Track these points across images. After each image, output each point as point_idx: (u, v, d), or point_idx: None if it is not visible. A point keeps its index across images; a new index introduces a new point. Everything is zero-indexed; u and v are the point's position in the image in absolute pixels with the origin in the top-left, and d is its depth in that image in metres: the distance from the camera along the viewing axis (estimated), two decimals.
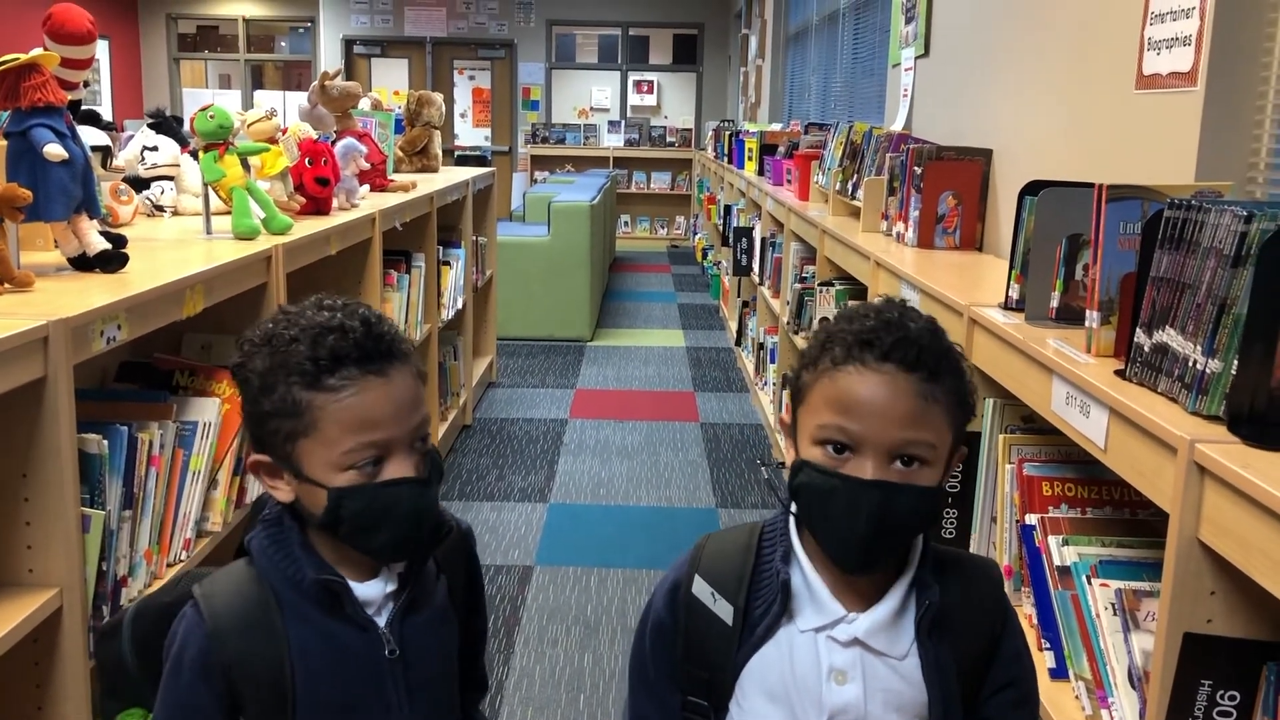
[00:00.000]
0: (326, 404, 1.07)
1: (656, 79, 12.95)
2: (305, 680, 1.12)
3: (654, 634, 1.22)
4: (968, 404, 1.12)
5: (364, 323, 1.09)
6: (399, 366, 1.10)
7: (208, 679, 1.11)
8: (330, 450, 1.08)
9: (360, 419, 1.07)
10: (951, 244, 2.90)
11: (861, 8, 5.73)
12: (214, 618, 1.12)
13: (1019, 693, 1.18)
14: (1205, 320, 1.22)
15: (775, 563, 1.15)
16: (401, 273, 3.50)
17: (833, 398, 1.08)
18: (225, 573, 1.17)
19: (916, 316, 1.12)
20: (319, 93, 3.65)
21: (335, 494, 1.08)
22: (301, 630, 1.12)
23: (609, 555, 3.49)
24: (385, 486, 1.09)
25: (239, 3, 13.11)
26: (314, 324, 1.08)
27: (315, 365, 1.06)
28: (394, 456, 1.09)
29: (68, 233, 1.80)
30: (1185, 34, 1.87)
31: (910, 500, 1.06)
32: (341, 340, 1.07)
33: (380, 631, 1.15)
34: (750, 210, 6.04)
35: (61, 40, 2.00)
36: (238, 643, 1.11)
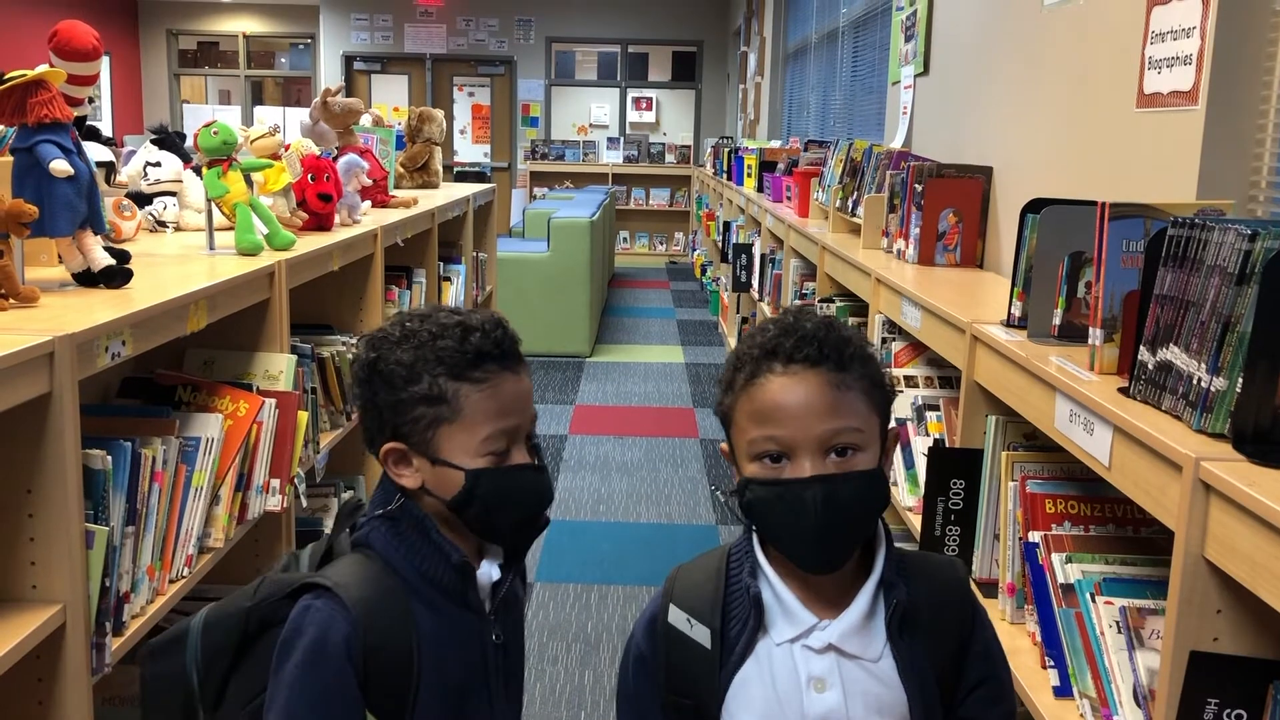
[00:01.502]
0: (471, 393, 1.20)
1: (655, 96, 13.00)
2: (429, 665, 1.20)
3: (636, 667, 1.26)
4: (883, 384, 1.17)
5: (498, 325, 1.24)
6: (524, 366, 1.27)
7: (353, 664, 1.17)
8: (471, 436, 1.20)
9: (500, 408, 1.21)
10: (952, 261, 2.91)
11: (861, 25, 5.76)
12: (355, 604, 1.18)
13: (995, 689, 1.21)
14: (1209, 338, 1.22)
15: (744, 579, 1.19)
16: (403, 288, 3.50)
17: (754, 412, 1.13)
18: (345, 566, 1.23)
19: (812, 315, 1.18)
20: (321, 109, 3.66)
21: (473, 475, 1.20)
22: (428, 616, 1.22)
23: (609, 572, 3.48)
24: (514, 470, 1.22)
25: (240, 19, 13.17)
26: (454, 323, 1.22)
27: (463, 358, 1.19)
28: (517, 445, 1.24)
29: (72, 248, 1.80)
30: (1186, 53, 1.88)
31: (852, 487, 1.11)
32: (484, 339, 1.21)
33: (490, 618, 1.27)
34: (750, 227, 6.06)
35: (67, 57, 2.01)
36: (378, 630, 1.18)
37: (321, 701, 1.15)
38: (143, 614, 1.66)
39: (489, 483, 1.21)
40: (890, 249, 3.15)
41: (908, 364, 2.54)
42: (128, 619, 1.62)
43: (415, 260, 3.76)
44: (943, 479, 1.95)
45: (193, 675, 1.22)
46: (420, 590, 1.22)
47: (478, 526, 1.25)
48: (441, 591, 1.23)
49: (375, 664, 1.18)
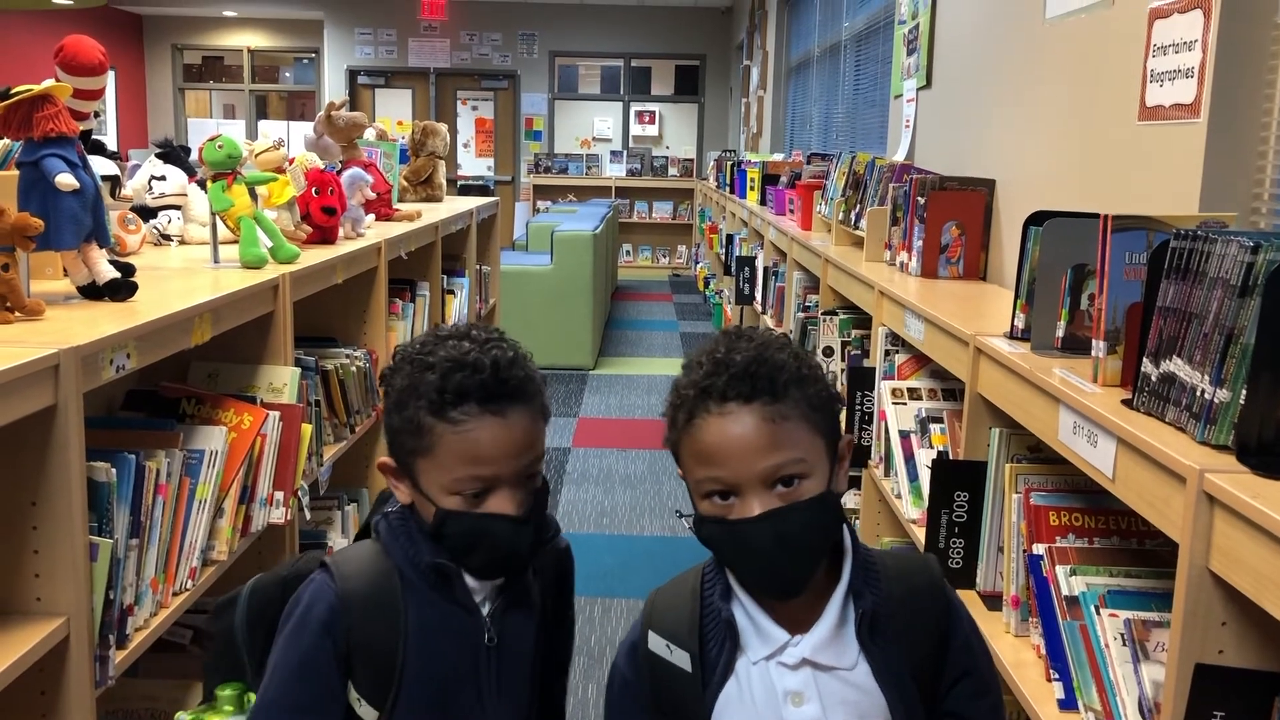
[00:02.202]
0: (445, 433, 1.17)
1: (658, 109, 13.04)
2: (414, 653, 1.22)
3: (620, 693, 1.27)
4: (825, 405, 1.15)
5: (494, 364, 1.18)
6: (519, 408, 1.20)
7: (332, 638, 1.21)
8: (442, 474, 1.19)
9: (472, 453, 1.17)
10: (955, 273, 2.91)
11: (863, 39, 5.78)
12: (344, 581, 1.22)
13: (977, 682, 1.21)
14: (1213, 350, 1.22)
15: (716, 603, 1.20)
16: (406, 301, 3.51)
17: (696, 453, 1.14)
18: (354, 549, 1.29)
19: (745, 344, 1.15)
20: (325, 123, 3.68)
21: (441, 514, 1.20)
22: (418, 606, 1.23)
23: (613, 585, 3.48)
24: (484, 518, 1.19)
25: (244, 34, 13.23)
26: (450, 356, 1.18)
27: (441, 396, 1.17)
28: (499, 491, 1.19)
29: (78, 261, 1.81)
30: (1188, 66, 1.88)
31: (801, 516, 1.11)
32: (468, 378, 1.17)
33: (484, 618, 1.25)
34: (753, 239, 6.06)
35: (73, 71, 2.02)
36: (362, 609, 1.21)
37: (298, 667, 1.21)
38: (146, 626, 1.66)
39: (456, 525, 1.20)
40: (893, 262, 3.15)
41: (911, 376, 2.55)
42: (131, 631, 1.62)
43: (419, 273, 3.77)
44: (946, 491, 1.95)
45: (240, 636, 1.31)
46: (413, 581, 1.24)
47: (457, 563, 1.24)
48: (429, 584, 1.24)
49: (360, 643, 1.21)
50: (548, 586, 1.36)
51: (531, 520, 1.22)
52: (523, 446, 1.20)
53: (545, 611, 1.35)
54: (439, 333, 1.25)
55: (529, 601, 1.31)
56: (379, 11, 12.37)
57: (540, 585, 1.34)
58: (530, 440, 1.21)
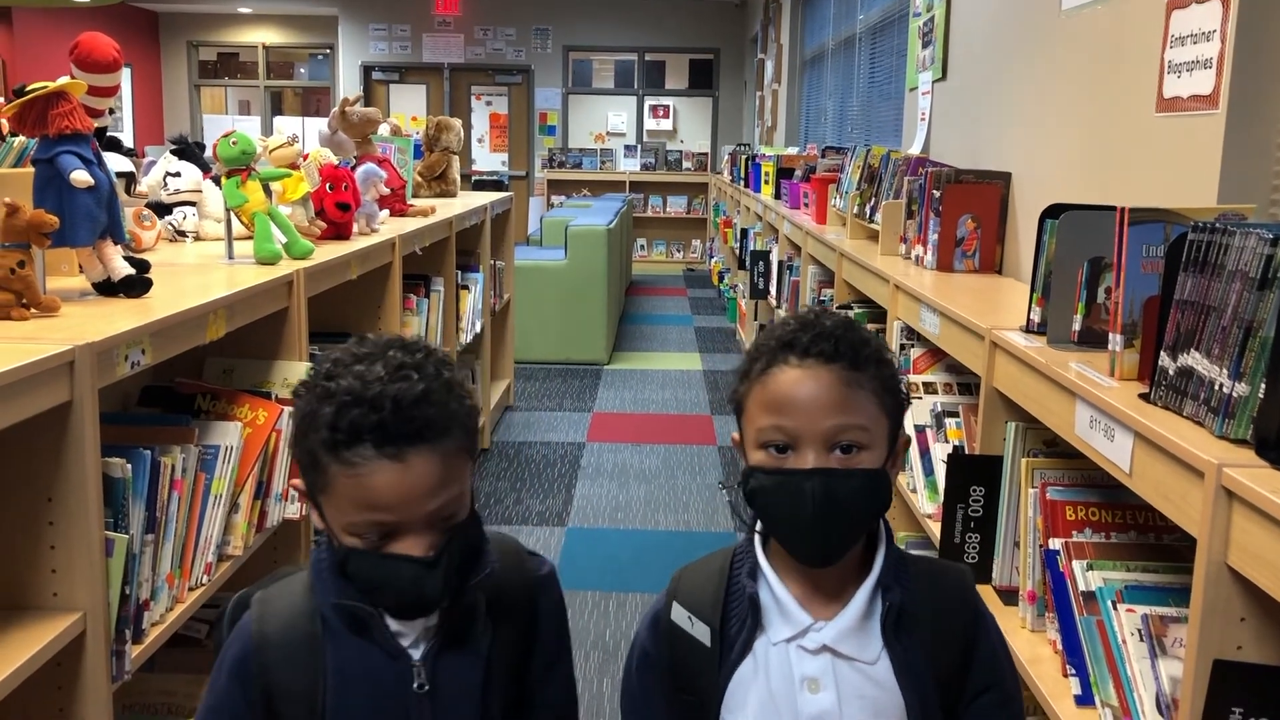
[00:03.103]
0: (338, 474, 1.05)
1: (672, 104, 13.01)
2: (336, 701, 1.13)
3: (640, 664, 1.27)
4: (896, 389, 1.17)
5: (395, 402, 1.04)
6: (423, 450, 1.05)
7: (243, 682, 1.14)
8: (339, 515, 1.08)
9: (365, 499, 1.05)
10: (971, 267, 2.89)
11: (878, 32, 5.75)
12: (260, 621, 1.15)
13: (1001, 695, 1.20)
14: (1231, 343, 1.21)
15: (742, 579, 1.19)
16: (421, 296, 3.52)
17: (765, 401, 1.14)
18: (286, 583, 1.20)
19: (832, 315, 1.18)
20: (339, 119, 3.68)
21: (342, 552, 1.09)
22: (340, 650, 1.13)
23: (627, 579, 3.48)
24: (386, 560, 1.07)
25: (259, 30, 13.26)
26: (349, 389, 1.05)
27: (333, 434, 1.04)
28: (404, 535, 1.07)
29: (93, 258, 1.81)
30: (1206, 57, 1.86)
31: (853, 483, 1.11)
32: (363, 417, 1.04)
33: (412, 664, 1.14)
34: (767, 233, 6.05)
35: (88, 68, 2.02)
36: (278, 651, 1.13)
37: (208, 712, 1.16)
38: (162, 621, 1.67)
39: (358, 565, 1.08)
40: (908, 255, 3.14)
41: (926, 370, 2.53)
42: (147, 626, 1.63)
43: (433, 269, 3.78)
44: (962, 486, 1.94)
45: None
46: (331, 619, 1.14)
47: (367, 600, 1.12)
48: (346, 627, 1.14)
49: (280, 687, 1.13)
50: (511, 629, 1.21)
51: (442, 561, 1.08)
52: (426, 492, 1.05)
53: (505, 652, 1.20)
54: (356, 350, 1.10)
55: (471, 643, 1.17)
56: (393, 7, 12.38)
57: (497, 630, 1.19)
58: (437, 484, 1.06)
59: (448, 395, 1.08)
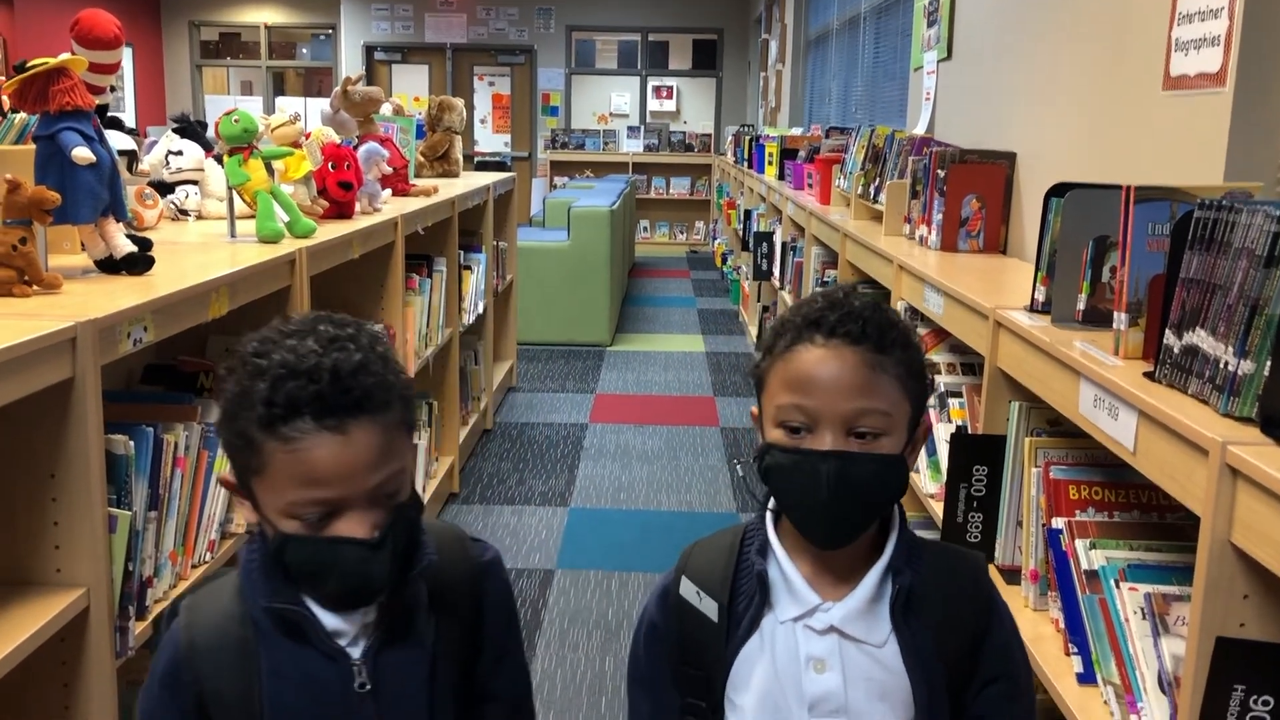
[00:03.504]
0: (276, 451, 1.00)
1: (676, 84, 12.96)
2: (274, 706, 1.08)
3: (648, 636, 1.26)
4: (921, 375, 1.15)
5: (333, 371, 1.00)
6: (364, 422, 1.01)
7: (174, 693, 1.09)
8: (276, 496, 1.02)
9: (306, 475, 1.00)
10: (975, 247, 2.88)
11: (883, 12, 5.72)
12: (189, 629, 1.10)
13: (1010, 686, 1.18)
14: (1237, 321, 1.20)
15: (752, 556, 1.19)
16: (423, 277, 3.51)
17: (787, 379, 1.13)
18: (218, 583, 1.14)
19: (861, 296, 1.16)
20: (341, 98, 3.67)
21: (279, 539, 1.04)
22: (273, 654, 1.08)
23: (630, 559, 3.48)
24: (329, 543, 1.02)
25: (261, 10, 13.20)
26: (284, 361, 1.01)
27: (270, 409, 0.99)
28: (347, 513, 1.02)
29: (95, 235, 1.81)
30: (1214, 34, 1.85)
31: (869, 467, 1.10)
32: (300, 389, 0.99)
33: (352, 663, 1.09)
34: (771, 215, 6.03)
35: (89, 45, 2.01)
36: (210, 661, 1.08)
37: None
38: (165, 599, 1.67)
39: (297, 552, 1.03)
40: (912, 235, 3.13)
41: (930, 350, 2.53)
42: (151, 603, 1.63)
43: (436, 249, 3.77)
44: (965, 465, 1.94)
45: None
46: (265, 623, 1.09)
47: (307, 593, 1.08)
48: (278, 630, 1.09)
49: (214, 695, 1.08)
50: (455, 619, 1.17)
51: (388, 543, 1.03)
52: (369, 465, 1.01)
53: (452, 644, 1.16)
54: (283, 327, 1.06)
55: (414, 637, 1.13)
56: None
57: (440, 622, 1.15)
58: (380, 457, 1.02)
59: (385, 367, 1.05)
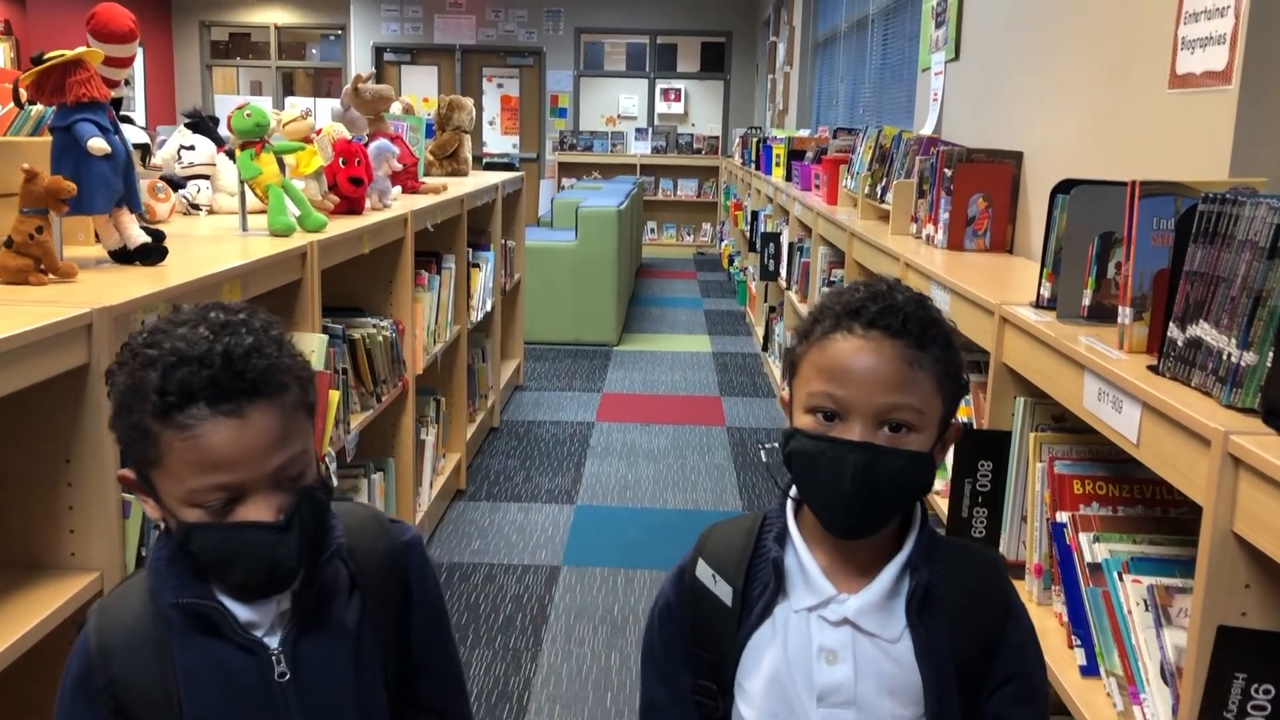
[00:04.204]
0: (173, 440, 0.99)
1: (684, 87, 12.98)
2: (193, 702, 1.06)
3: (662, 616, 1.26)
4: (957, 375, 1.14)
5: (225, 355, 0.99)
6: (260, 404, 1.00)
7: (90, 700, 1.07)
8: (177, 485, 1.01)
9: (205, 460, 0.99)
10: (982, 246, 2.89)
11: (891, 13, 5.73)
12: (99, 633, 1.08)
13: (1024, 687, 1.17)
14: (1240, 313, 1.21)
15: (769, 543, 1.18)
16: (432, 273, 3.53)
17: (821, 366, 1.12)
18: (126, 585, 1.13)
19: (905, 289, 1.15)
20: (352, 95, 3.69)
21: (183, 529, 1.02)
22: (187, 650, 1.06)
23: (635, 556, 3.50)
24: (234, 529, 1.01)
25: (271, 10, 13.25)
26: (174, 349, 0.99)
27: (163, 399, 0.98)
28: (251, 497, 1.01)
29: (109, 226, 1.83)
30: (1220, 33, 1.86)
31: (896, 463, 1.09)
32: (193, 375, 0.98)
33: (270, 653, 1.07)
34: (778, 215, 6.04)
35: (104, 39, 2.04)
36: (123, 662, 1.06)
37: None
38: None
39: (202, 540, 1.01)
40: (919, 235, 3.14)
41: None
42: None
43: (445, 246, 3.79)
44: (970, 461, 1.95)
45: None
46: (177, 620, 1.06)
47: (215, 581, 1.06)
48: (191, 626, 1.06)
49: (130, 697, 1.06)
50: (379, 599, 1.16)
51: (294, 525, 1.02)
52: (268, 446, 1.00)
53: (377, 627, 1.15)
54: (174, 317, 1.04)
55: (333, 622, 1.11)
56: None
57: (364, 601, 1.14)
58: (279, 438, 1.01)
59: (279, 350, 1.04)
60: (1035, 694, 1.19)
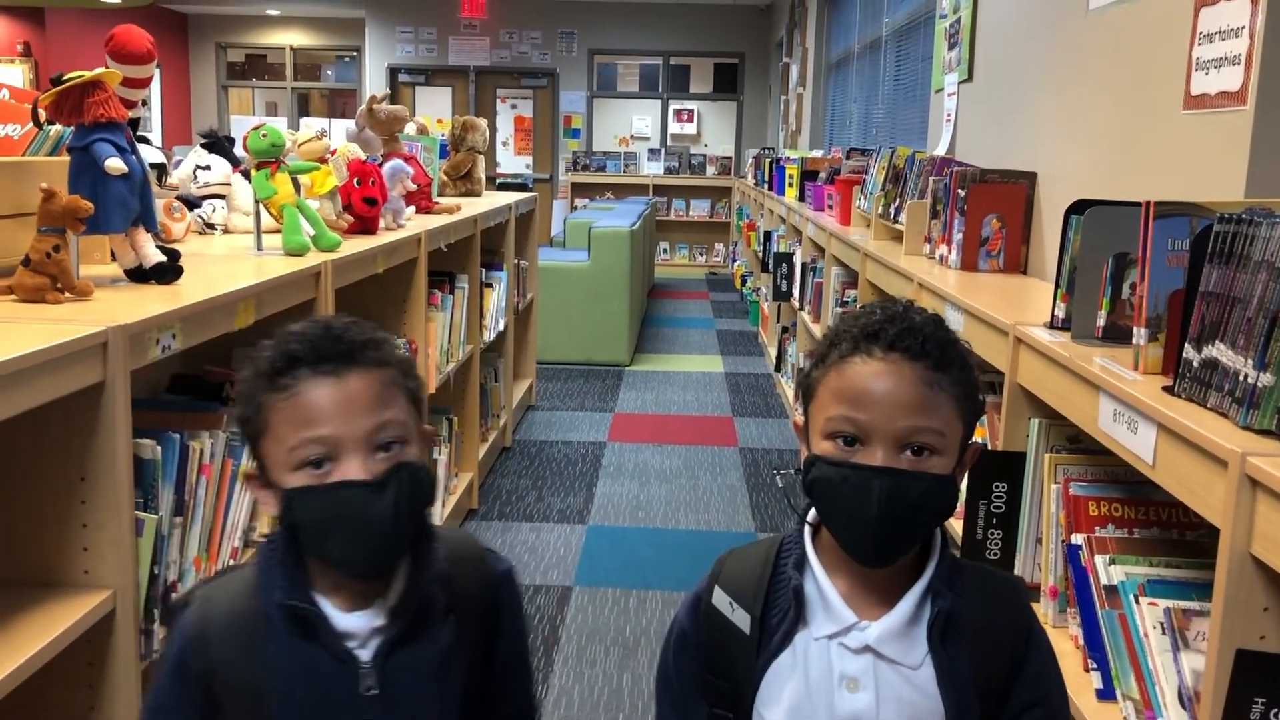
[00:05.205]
0: (277, 402, 1.07)
1: (697, 108, 13.03)
2: (281, 701, 1.09)
3: (677, 645, 1.25)
4: (976, 397, 1.13)
5: (327, 327, 1.10)
6: (357, 369, 1.08)
7: (183, 681, 1.11)
8: (280, 448, 1.07)
9: (303, 415, 1.06)
10: (995, 266, 2.89)
11: (904, 34, 5.75)
12: (202, 621, 1.12)
13: (1046, 713, 1.16)
14: (1256, 334, 1.21)
15: (788, 571, 1.17)
16: (446, 293, 3.54)
17: (840, 390, 1.10)
18: (233, 576, 1.17)
19: (921, 311, 1.14)
20: (367, 116, 3.71)
21: (286, 495, 1.07)
22: (282, 650, 1.10)
23: (647, 577, 3.48)
24: (330, 489, 1.05)
25: (287, 32, 13.36)
26: (288, 335, 1.10)
27: (271, 369, 1.08)
28: (345, 458, 1.06)
29: (125, 245, 1.84)
30: (1235, 53, 1.86)
31: (920, 487, 1.07)
32: (298, 344, 1.08)
33: (360, 666, 1.10)
34: (790, 236, 6.05)
35: (122, 60, 2.05)
36: (220, 651, 1.10)
37: (154, 711, 1.15)
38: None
39: (302, 505, 1.06)
40: (933, 255, 3.14)
41: None
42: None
43: (458, 266, 3.80)
44: (985, 482, 1.94)
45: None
46: (277, 619, 1.10)
47: (315, 556, 1.11)
48: (288, 627, 1.10)
49: (222, 686, 1.10)
50: (471, 623, 1.18)
51: (389, 487, 1.06)
52: (362, 407, 1.07)
53: (465, 652, 1.17)
54: (292, 327, 1.14)
55: (426, 641, 1.13)
56: (420, 10, 12.46)
57: (459, 624, 1.16)
58: (373, 402, 1.08)
59: (383, 342, 1.12)
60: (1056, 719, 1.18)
